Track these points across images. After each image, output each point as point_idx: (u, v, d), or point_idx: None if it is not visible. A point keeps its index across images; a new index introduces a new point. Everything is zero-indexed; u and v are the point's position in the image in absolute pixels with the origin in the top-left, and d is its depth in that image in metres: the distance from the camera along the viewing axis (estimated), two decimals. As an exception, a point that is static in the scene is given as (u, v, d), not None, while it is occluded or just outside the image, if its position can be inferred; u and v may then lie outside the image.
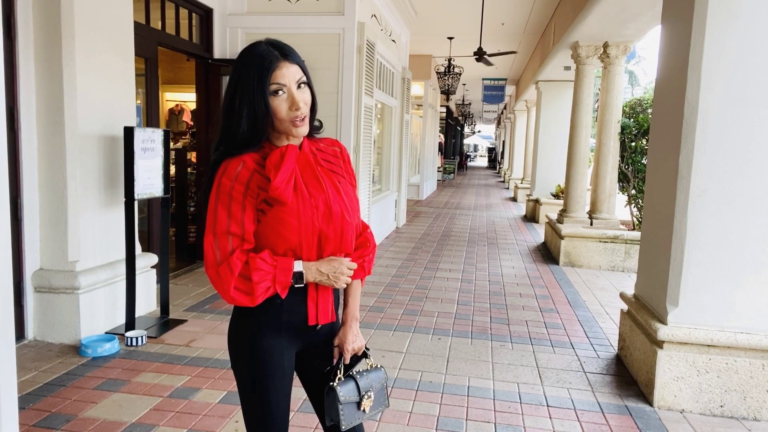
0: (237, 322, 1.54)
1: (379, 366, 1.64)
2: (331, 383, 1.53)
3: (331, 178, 1.51)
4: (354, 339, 1.58)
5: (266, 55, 1.40)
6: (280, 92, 1.41)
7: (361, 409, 1.55)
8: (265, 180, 1.42)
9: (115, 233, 3.92)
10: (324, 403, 1.56)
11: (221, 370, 3.30)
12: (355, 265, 1.53)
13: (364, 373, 1.59)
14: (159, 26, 4.95)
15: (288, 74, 1.41)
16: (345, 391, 1.52)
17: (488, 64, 9.55)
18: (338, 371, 1.56)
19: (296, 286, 1.45)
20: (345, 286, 1.53)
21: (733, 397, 3.00)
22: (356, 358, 1.61)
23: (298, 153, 1.48)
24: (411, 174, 13.39)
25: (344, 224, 1.48)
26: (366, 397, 1.55)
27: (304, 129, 1.46)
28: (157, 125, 4.80)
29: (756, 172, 2.92)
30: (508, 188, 19.17)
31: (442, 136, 22.94)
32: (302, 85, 1.44)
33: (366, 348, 1.64)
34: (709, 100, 2.91)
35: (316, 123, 1.56)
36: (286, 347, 1.53)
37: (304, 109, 1.43)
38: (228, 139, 1.44)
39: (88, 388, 3.03)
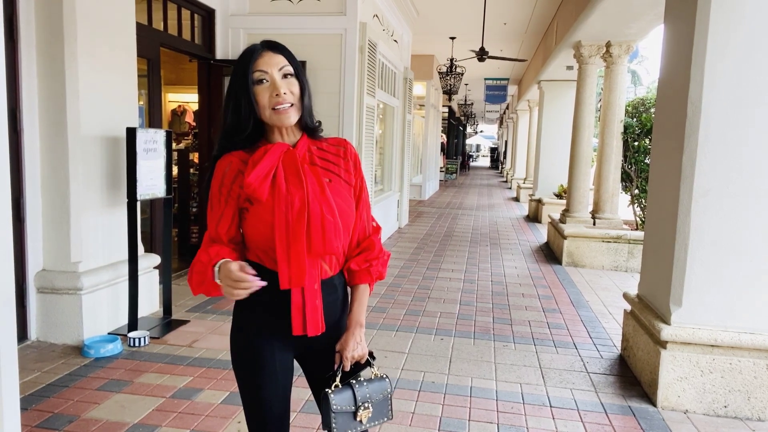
0: (233, 325, 1.56)
1: (383, 376, 1.57)
2: (326, 390, 1.47)
3: (318, 176, 1.46)
4: (355, 346, 1.52)
5: (252, 48, 1.46)
6: (264, 81, 1.43)
7: (358, 419, 1.49)
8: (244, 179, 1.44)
9: (118, 234, 3.93)
10: (320, 408, 1.53)
11: (223, 371, 3.30)
12: (248, 279, 1.29)
13: (364, 383, 1.52)
14: (161, 27, 4.95)
15: (270, 62, 1.43)
16: (339, 400, 1.47)
17: (507, 58, 9.49)
18: (336, 377, 1.50)
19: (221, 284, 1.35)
20: (231, 298, 1.34)
21: (737, 397, 2.99)
22: (359, 366, 1.56)
23: (286, 151, 1.46)
24: (413, 174, 13.39)
25: (325, 223, 1.42)
26: (363, 407, 1.49)
27: (288, 119, 1.44)
28: (159, 126, 4.80)
29: (759, 172, 2.91)
30: (510, 188, 19.15)
31: (444, 136, 22.92)
32: (288, 76, 1.45)
33: (371, 356, 1.58)
34: (712, 100, 2.90)
35: (315, 123, 1.54)
36: (279, 349, 1.52)
37: (288, 97, 1.43)
38: (222, 134, 1.49)
39: (90, 389, 3.04)
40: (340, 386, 1.50)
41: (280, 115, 1.44)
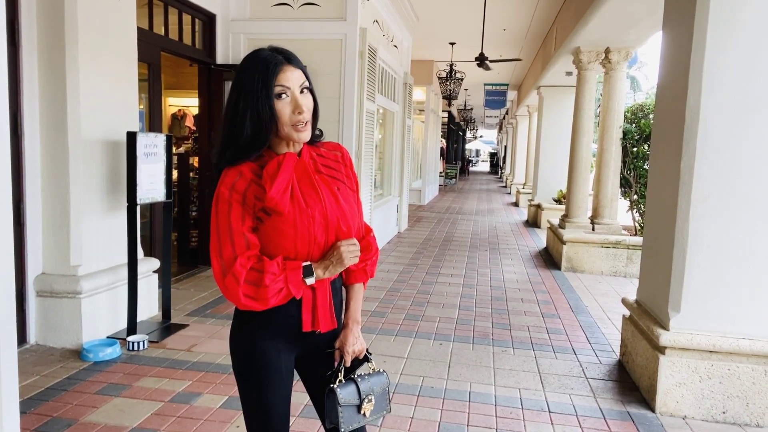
0: (236, 327, 1.57)
1: (381, 370, 1.64)
2: (332, 385, 1.53)
3: (329, 186, 1.51)
4: (355, 341, 1.59)
5: (271, 59, 1.42)
6: (284, 96, 1.42)
7: (362, 412, 1.55)
8: (261, 190, 1.42)
9: (118, 238, 3.93)
10: (324, 405, 1.56)
11: (222, 375, 3.30)
12: (355, 242, 1.51)
13: (366, 377, 1.59)
14: (162, 32, 4.97)
15: (292, 78, 1.43)
16: (345, 394, 1.52)
17: (487, 68, 9.51)
18: (339, 373, 1.56)
19: (308, 282, 1.44)
20: (356, 261, 1.51)
21: (735, 403, 2.99)
22: (357, 362, 1.61)
23: (296, 161, 1.48)
24: (413, 179, 13.40)
25: (339, 233, 1.49)
26: (366, 400, 1.55)
27: (306, 135, 1.46)
28: (159, 130, 4.82)
29: (758, 178, 2.92)
30: (509, 193, 19.17)
31: (443, 140, 22.97)
32: (305, 91, 1.46)
33: (368, 352, 1.64)
34: (710, 106, 2.91)
35: (317, 132, 1.56)
36: (284, 351, 1.54)
37: (307, 114, 1.44)
38: (232, 144, 1.44)
39: (89, 393, 3.03)
40: (344, 381, 1.55)
41: (300, 133, 1.44)
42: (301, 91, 1.44)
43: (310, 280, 1.44)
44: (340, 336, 1.60)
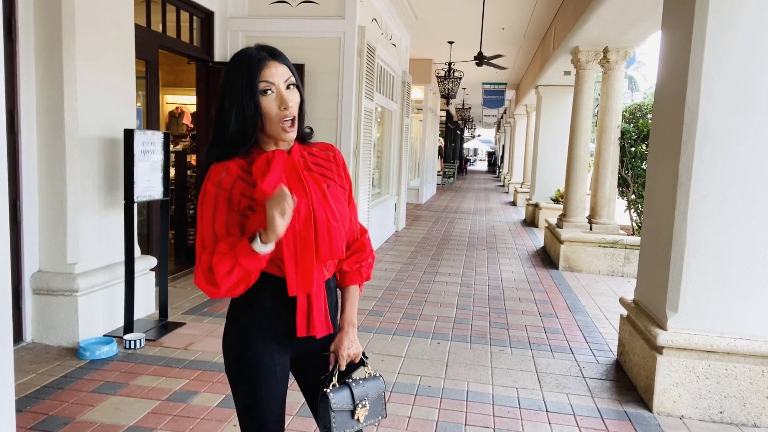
0: (229, 327, 1.55)
1: (377, 375, 1.60)
2: (325, 389, 1.50)
3: (318, 183, 1.49)
4: (350, 345, 1.55)
5: (255, 55, 1.43)
6: (269, 91, 1.41)
7: (355, 417, 1.51)
8: (248, 186, 1.41)
9: (115, 236, 3.91)
10: (318, 409, 1.54)
11: (219, 374, 3.29)
12: (288, 200, 1.30)
13: (360, 382, 1.55)
14: (160, 29, 4.95)
15: (277, 73, 1.42)
16: (338, 399, 1.49)
17: (494, 64, 9.44)
18: (333, 377, 1.53)
19: (257, 249, 1.33)
20: (279, 229, 1.31)
21: (732, 403, 2.99)
22: (353, 366, 1.58)
23: (285, 157, 1.47)
24: (411, 178, 13.41)
25: (331, 228, 1.45)
26: (360, 406, 1.52)
27: (293, 134, 1.45)
28: (157, 128, 4.80)
29: (756, 179, 2.92)
30: (507, 192, 19.19)
31: (441, 140, 22.96)
32: (291, 87, 1.45)
33: (364, 356, 1.60)
34: (709, 106, 2.91)
35: (307, 129, 1.55)
36: (278, 353, 1.52)
37: (293, 110, 1.43)
38: (219, 141, 1.45)
39: (85, 391, 3.02)
40: (338, 386, 1.52)
41: (287, 133, 1.43)
42: (287, 87, 1.44)
43: (258, 247, 1.32)
44: (335, 339, 1.57)
